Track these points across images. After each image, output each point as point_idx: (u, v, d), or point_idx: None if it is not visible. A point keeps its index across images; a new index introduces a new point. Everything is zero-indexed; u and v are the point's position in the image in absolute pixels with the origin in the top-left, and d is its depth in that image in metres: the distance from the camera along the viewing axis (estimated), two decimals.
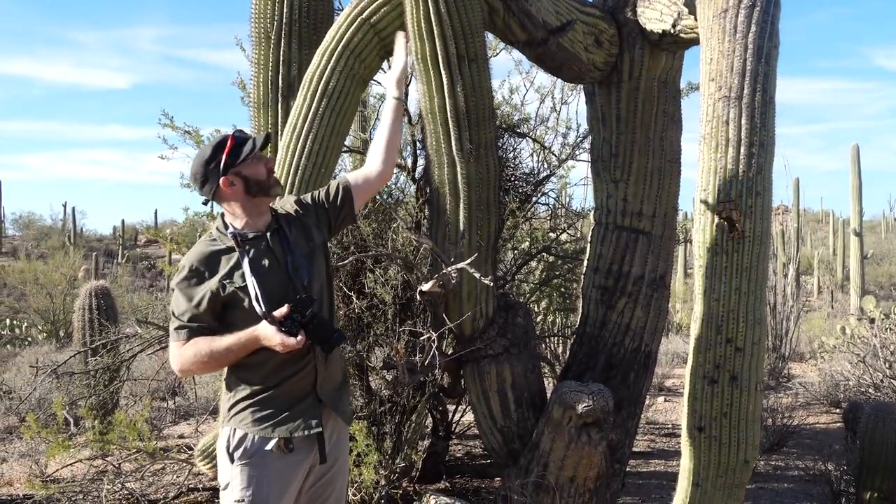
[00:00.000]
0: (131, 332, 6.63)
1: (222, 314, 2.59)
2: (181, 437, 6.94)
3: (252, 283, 2.53)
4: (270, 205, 2.74)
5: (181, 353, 2.55)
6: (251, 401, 2.61)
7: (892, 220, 42.91)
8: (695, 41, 3.92)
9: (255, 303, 2.52)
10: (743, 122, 3.29)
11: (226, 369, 2.68)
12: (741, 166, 3.28)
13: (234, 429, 2.61)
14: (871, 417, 4.90)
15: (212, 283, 2.55)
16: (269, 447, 2.57)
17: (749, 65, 3.32)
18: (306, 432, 2.62)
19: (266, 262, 2.61)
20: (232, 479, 2.59)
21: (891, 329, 8.80)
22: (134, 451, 5.00)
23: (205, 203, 2.83)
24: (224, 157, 2.59)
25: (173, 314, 2.60)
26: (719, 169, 3.33)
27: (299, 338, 2.46)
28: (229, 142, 2.61)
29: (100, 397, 6.28)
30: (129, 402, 7.25)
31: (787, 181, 22.49)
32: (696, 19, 3.75)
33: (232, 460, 2.59)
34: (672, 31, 4.04)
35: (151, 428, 5.86)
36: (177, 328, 2.57)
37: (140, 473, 5.26)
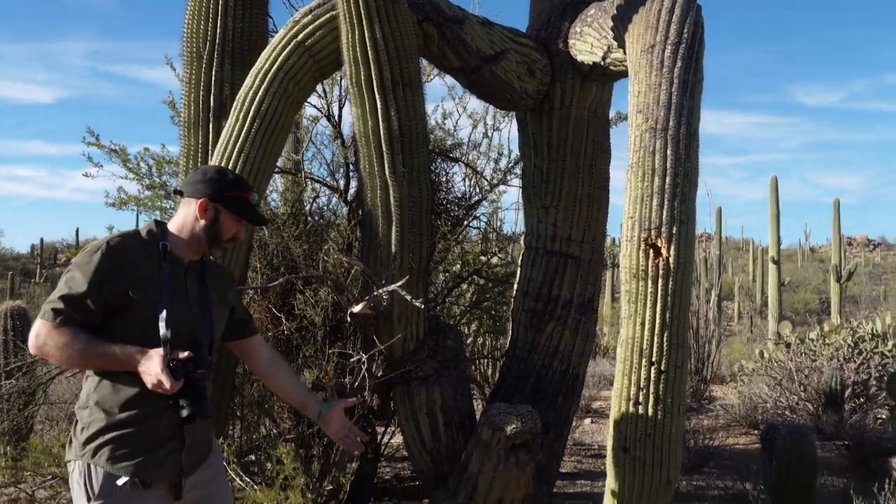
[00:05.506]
0: None
1: (104, 316, 2.41)
2: None
3: (164, 301, 2.43)
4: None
5: (51, 334, 2.32)
6: (109, 436, 2.43)
7: (808, 249, 44.64)
8: (624, 73, 4.05)
9: (161, 323, 2.39)
10: (668, 152, 3.40)
11: (84, 393, 2.51)
12: (666, 195, 3.39)
13: (88, 465, 2.42)
14: (787, 439, 5.08)
15: (122, 279, 2.38)
16: (120, 482, 2.40)
17: (675, 98, 3.44)
18: (166, 477, 2.49)
19: (179, 289, 2.54)
20: None
21: (805, 353, 9.17)
22: (49, 476, 4.81)
23: (176, 192, 2.78)
24: (230, 192, 2.60)
25: (59, 292, 2.36)
26: (646, 197, 3.42)
27: (178, 383, 2.32)
28: (245, 193, 2.65)
29: (13, 422, 6.03)
30: (46, 426, 6.97)
31: (710, 210, 23.21)
32: (625, 53, 3.87)
33: (89, 498, 2.41)
34: (602, 64, 4.15)
35: None
36: (56, 309, 2.34)
37: (55, 501, 5.05)
